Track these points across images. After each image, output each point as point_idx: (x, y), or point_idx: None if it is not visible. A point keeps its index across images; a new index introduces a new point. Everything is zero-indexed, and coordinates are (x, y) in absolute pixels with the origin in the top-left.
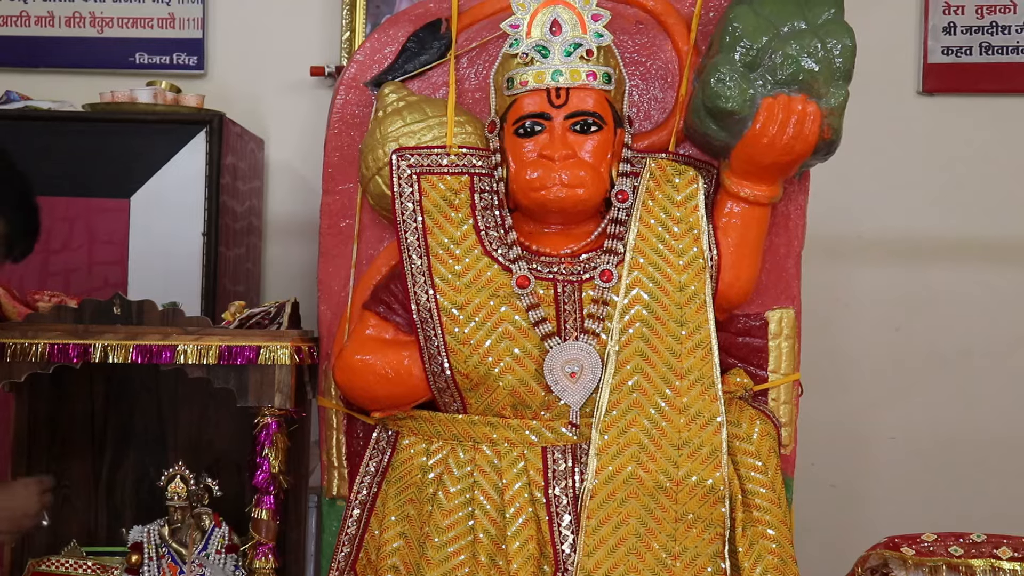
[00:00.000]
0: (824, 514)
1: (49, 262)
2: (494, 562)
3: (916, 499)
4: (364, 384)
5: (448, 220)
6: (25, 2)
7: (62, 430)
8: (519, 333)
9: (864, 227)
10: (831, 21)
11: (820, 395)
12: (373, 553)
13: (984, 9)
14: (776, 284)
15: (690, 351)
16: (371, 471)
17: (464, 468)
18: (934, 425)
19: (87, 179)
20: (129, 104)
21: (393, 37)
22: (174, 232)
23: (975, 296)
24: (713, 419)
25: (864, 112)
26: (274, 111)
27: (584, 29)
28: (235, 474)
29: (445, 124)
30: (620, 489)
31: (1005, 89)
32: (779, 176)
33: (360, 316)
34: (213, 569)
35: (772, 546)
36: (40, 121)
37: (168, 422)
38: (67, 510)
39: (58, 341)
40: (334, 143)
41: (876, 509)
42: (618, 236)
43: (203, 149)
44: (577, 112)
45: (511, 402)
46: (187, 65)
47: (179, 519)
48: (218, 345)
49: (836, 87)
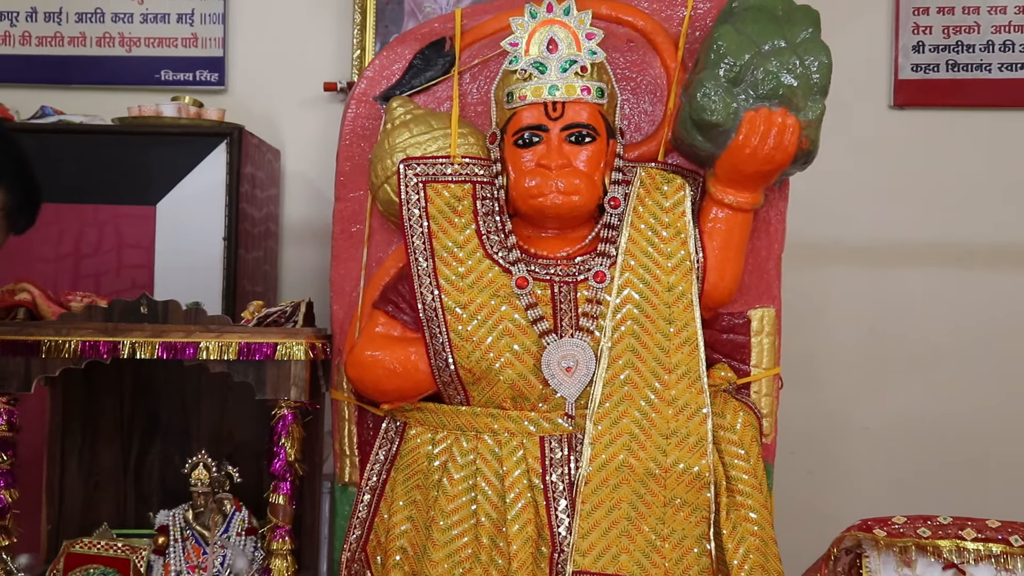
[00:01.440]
0: (802, 499)
1: (81, 265)
2: (495, 544)
3: (887, 485)
4: (374, 378)
5: (452, 225)
6: (59, 23)
7: (93, 421)
8: (518, 330)
9: (840, 232)
10: (809, 40)
11: (799, 388)
12: (382, 535)
13: (950, 29)
14: (758, 285)
15: (678, 347)
16: (380, 459)
17: (467, 456)
18: (904, 417)
19: (116, 188)
20: (155, 118)
21: (400, 55)
22: (197, 237)
23: (943, 297)
24: (699, 410)
25: (840, 124)
26: (290, 124)
27: (579, 47)
28: (254, 462)
29: (449, 135)
30: (613, 476)
31: (970, 103)
32: (761, 184)
33: (370, 315)
34: (234, 550)
35: (754, 528)
36: (72, 134)
37: (191, 414)
38: (98, 495)
39: (89, 338)
40: (345, 153)
41: (850, 494)
42: (611, 240)
43: (224, 160)
44: (572, 124)
45: (511, 395)
46: (209, 81)
47: (202, 504)
48: (238, 342)
49: (814, 101)
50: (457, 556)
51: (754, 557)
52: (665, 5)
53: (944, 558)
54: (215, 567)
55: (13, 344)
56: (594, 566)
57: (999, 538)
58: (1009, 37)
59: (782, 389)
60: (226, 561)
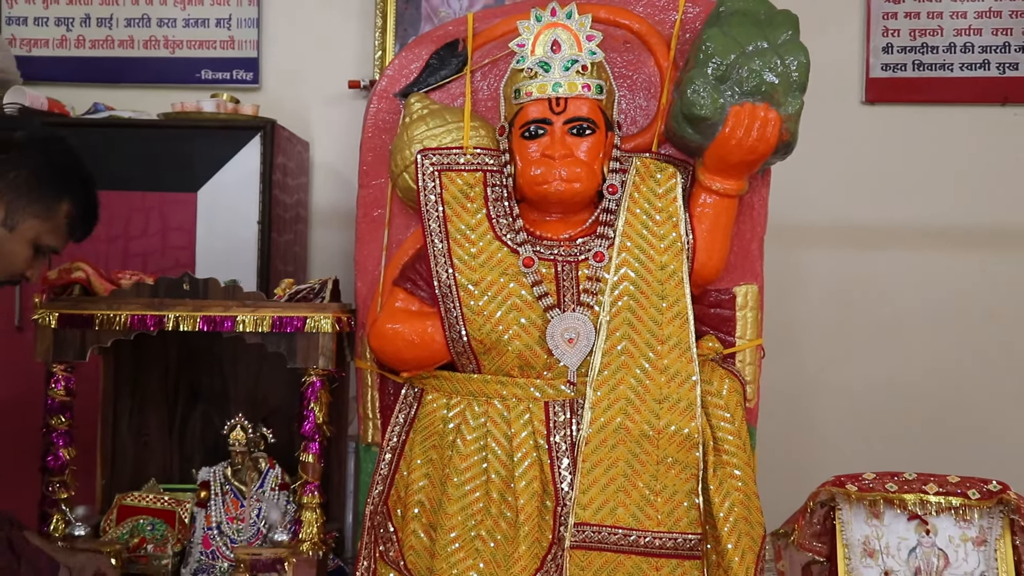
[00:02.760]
0: (782, 458)
1: (129, 246)
2: (504, 498)
3: (858, 444)
4: (394, 348)
5: (465, 210)
6: (110, 28)
7: (141, 387)
8: (525, 305)
9: (817, 216)
10: (789, 41)
11: (779, 358)
12: (402, 490)
13: (916, 32)
14: (742, 264)
15: (670, 320)
16: (400, 422)
17: (479, 419)
18: (873, 382)
19: (161, 177)
20: (196, 113)
21: (418, 55)
22: (234, 221)
23: (907, 276)
24: (689, 378)
25: (817, 119)
26: (318, 118)
27: (580, 48)
28: (286, 424)
29: (462, 128)
30: (611, 437)
31: (934, 100)
32: (745, 172)
33: (391, 291)
34: (268, 503)
35: (738, 484)
36: (122, 128)
37: (229, 381)
38: (146, 454)
39: (138, 312)
40: (368, 145)
41: (826, 453)
42: (609, 223)
43: (258, 151)
44: (574, 118)
45: (518, 364)
46: (244, 80)
47: (240, 462)
48: (271, 316)
49: (793, 97)
50: (470, 509)
51: (738, 510)
52: (658, 10)
53: (909, 510)
54: (251, 518)
55: (70, 317)
56: (594, 518)
57: (958, 492)
58: (969, 40)
59: (764, 358)
60: (261, 513)
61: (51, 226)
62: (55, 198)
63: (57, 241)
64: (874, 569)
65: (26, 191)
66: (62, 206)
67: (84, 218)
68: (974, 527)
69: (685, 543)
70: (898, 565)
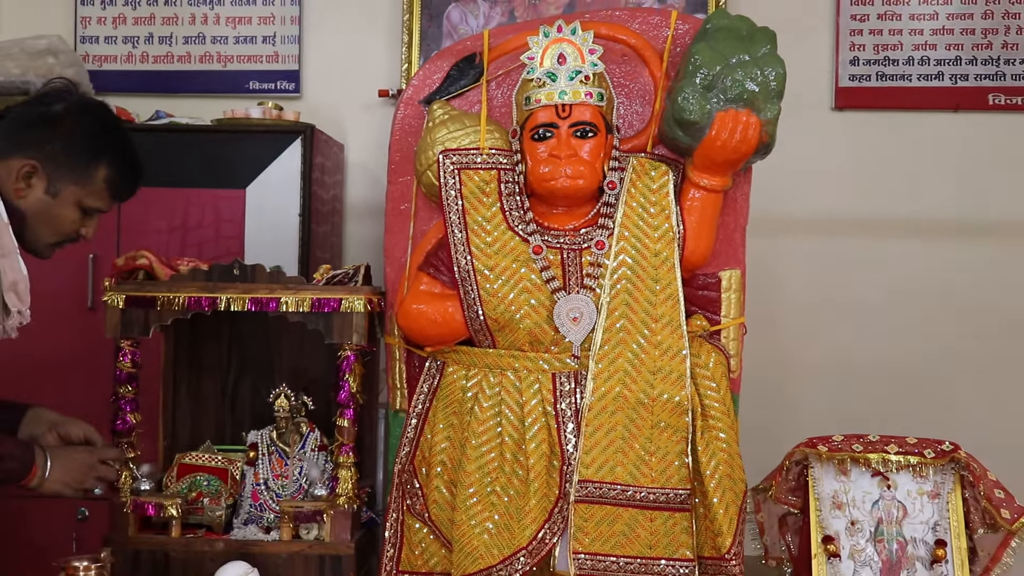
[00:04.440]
0: (762, 422)
1: (187, 237)
2: (516, 458)
3: (829, 410)
4: (419, 326)
5: (481, 203)
6: (170, 45)
7: (198, 361)
8: (535, 288)
9: (792, 209)
10: (768, 54)
11: (759, 334)
12: (426, 451)
13: (879, 47)
14: (726, 251)
15: (663, 301)
16: (424, 391)
17: (494, 389)
18: (841, 354)
19: (214, 175)
20: (244, 119)
21: (440, 67)
22: (278, 214)
23: (870, 261)
24: (680, 352)
25: (792, 122)
26: (351, 123)
27: (583, 60)
28: (324, 393)
29: (479, 131)
30: (610, 404)
31: (895, 106)
32: (729, 170)
33: (416, 276)
34: (309, 462)
35: (723, 446)
36: (180, 132)
37: (274, 355)
38: (202, 419)
39: (194, 294)
40: (396, 146)
41: (800, 418)
42: (609, 215)
43: (299, 152)
44: (578, 122)
45: (529, 340)
46: (287, 90)
47: (284, 426)
48: (311, 297)
49: (772, 104)
50: (486, 468)
51: (723, 468)
52: (652, 27)
53: (872, 468)
54: (294, 476)
55: (135, 299)
56: (595, 476)
57: (916, 451)
58: (925, 54)
59: (746, 335)
60: (303, 471)
61: (92, 190)
62: (92, 164)
63: (101, 203)
64: (842, 520)
65: (64, 159)
66: (99, 171)
67: (123, 179)
68: (929, 482)
69: (676, 497)
70: (863, 516)
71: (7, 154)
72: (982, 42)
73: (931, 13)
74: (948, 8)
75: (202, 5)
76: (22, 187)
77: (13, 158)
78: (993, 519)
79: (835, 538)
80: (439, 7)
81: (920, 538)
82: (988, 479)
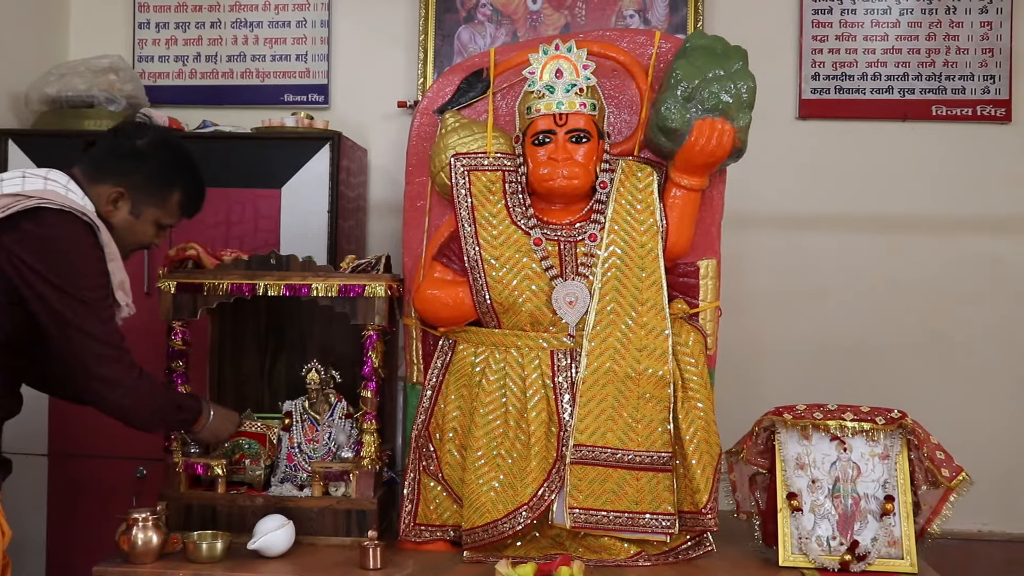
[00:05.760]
0: (734, 393)
1: (229, 231)
2: (519, 425)
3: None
4: (433, 309)
5: (488, 201)
6: (215, 63)
7: (239, 340)
8: (535, 275)
9: (762, 206)
10: (740, 70)
11: (733, 316)
12: (440, 419)
13: (838, 64)
14: (704, 243)
15: (648, 287)
16: (438, 366)
17: (499, 364)
18: (806, 334)
19: (254, 177)
20: (280, 127)
21: (451, 81)
22: (309, 211)
23: (831, 252)
24: (663, 331)
25: (761, 130)
26: (374, 131)
27: (578, 74)
28: (350, 368)
29: (486, 137)
30: (602, 378)
31: (851, 116)
32: (707, 172)
33: (430, 265)
34: (336, 429)
35: (701, 414)
36: (224, 139)
37: (306, 334)
38: (244, 390)
39: (236, 281)
40: (413, 151)
41: (768, 390)
42: (600, 211)
43: (328, 156)
44: (573, 129)
45: (530, 321)
46: (317, 101)
47: (315, 397)
48: (338, 284)
49: (743, 113)
50: (492, 433)
51: (700, 434)
52: (638, 45)
53: (831, 433)
54: (324, 440)
55: (185, 285)
56: (588, 440)
57: (868, 419)
58: (877, 70)
59: (721, 317)
60: (331, 436)
61: (166, 211)
62: (168, 190)
63: (172, 220)
64: (804, 478)
65: (145, 187)
66: (173, 196)
67: (192, 202)
68: (880, 445)
69: (659, 459)
70: (822, 475)
71: (99, 181)
72: (926, 60)
73: (882, 35)
74: (897, 30)
75: (243, 28)
76: (111, 208)
77: (104, 185)
78: (935, 477)
79: (798, 495)
80: (451, 28)
81: (872, 494)
82: (931, 442)
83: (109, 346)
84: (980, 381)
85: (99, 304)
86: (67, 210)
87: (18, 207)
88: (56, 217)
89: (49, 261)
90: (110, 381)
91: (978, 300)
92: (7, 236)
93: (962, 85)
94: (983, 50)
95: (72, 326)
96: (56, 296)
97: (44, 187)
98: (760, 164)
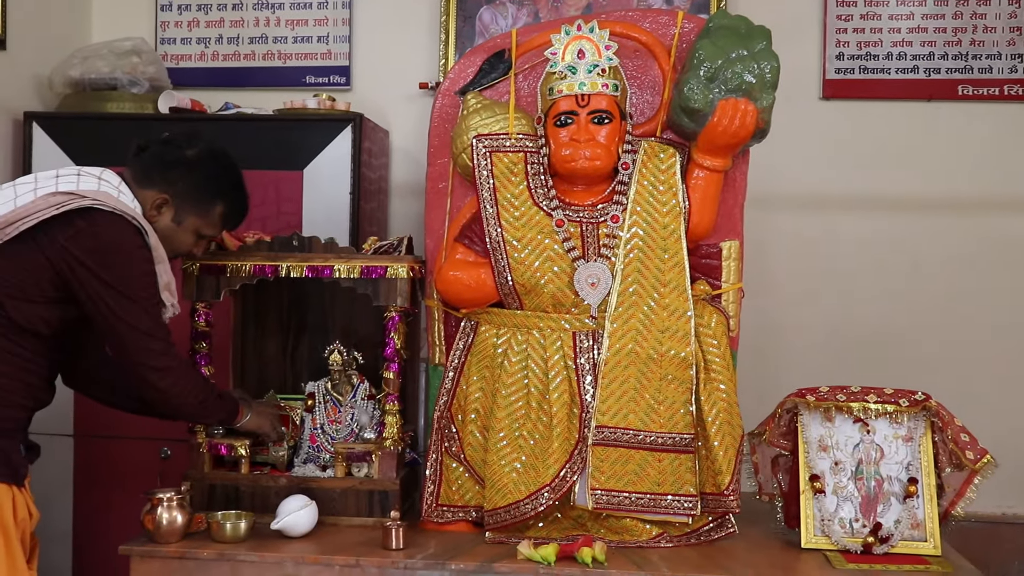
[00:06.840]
0: (757, 375)
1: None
2: (541, 406)
3: (816, 364)
4: (455, 291)
5: (510, 182)
6: (237, 45)
7: (262, 321)
8: (557, 257)
9: (785, 187)
10: (763, 50)
11: (755, 297)
12: (462, 400)
13: (862, 44)
14: (726, 224)
15: (670, 268)
16: (460, 347)
17: (521, 346)
18: (827, 316)
19: (277, 158)
20: (302, 109)
21: (473, 62)
22: (331, 192)
23: (853, 233)
24: (685, 313)
25: (785, 110)
26: (395, 112)
27: (600, 55)
28: (372, 349)
29: (508, 119)
30: (624, 359)
31: (876, 96)
32: (729, 152)
33: (452, 246)
34: (359, 410)
35: (723, 396)
36: (246, 121)
37: (328, 315)
38: (267, 371)
39: (259, 262)
40: (435, 132)
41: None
42: (623, 192)
43: (350, 138)
44: (595, 110)
45: (552, 302)
46: (339, 83)
47: (337, 378)
48: (360, 265)
49: (767, 93)
50: (515, 415)
51: (723, 415)
52: (661, 25)
53: (854, 415)
54: (347, 421)
55: (208, 267)
56: (610, 422)
57: (892, 400)
58: (902, 50)
59: (744, 298)
60: (354, 417)
61: (208, 221)
62: (211, 202)
63: (213, 231)
64: (827, 460)
65: (190, 196)
66: (216, 208)
67: (234, 215)
68: (904, 427)
69: (681, 441)
70: (845, 457)
71: (146, 185)
72: (953, 39)
73: (908, 14)
74: (923, 9)
75: (265, 10)
76: (155, 214)
77: (150, 190)
78: (959, 459)
79: (821, 476)
80: (472, 9)
81: (895, 476)
82: (955, 424)
83: (157, 339)
84: (1006, 364)
85: (148, 302)
86: (118, 213)
87: (72, 205)
88: (107, 218)
89: (100, 260)
90: (161, 370)
91: (1003, 282)
92: (61, 233)
93: (989, 64)
94: (1010, 28)
95: (123, 321)
96: (107, 292)
97: (98, 187)
98: (783, 145)
